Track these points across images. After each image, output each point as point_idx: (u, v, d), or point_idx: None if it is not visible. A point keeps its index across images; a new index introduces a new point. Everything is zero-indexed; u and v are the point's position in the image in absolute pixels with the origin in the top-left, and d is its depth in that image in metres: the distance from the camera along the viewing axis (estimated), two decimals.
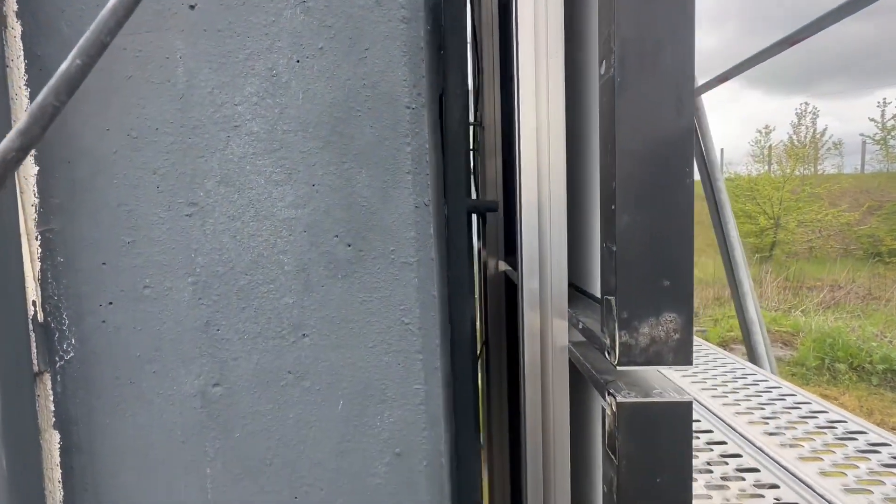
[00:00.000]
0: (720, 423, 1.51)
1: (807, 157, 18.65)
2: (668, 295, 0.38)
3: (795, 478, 1.17)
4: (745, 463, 1.25)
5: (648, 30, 0.36)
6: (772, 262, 12.95)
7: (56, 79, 0.21)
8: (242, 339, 0.41)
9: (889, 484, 1.16)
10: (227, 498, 0.43)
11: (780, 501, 1.08)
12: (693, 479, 1.08)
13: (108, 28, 0.22)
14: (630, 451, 0.39)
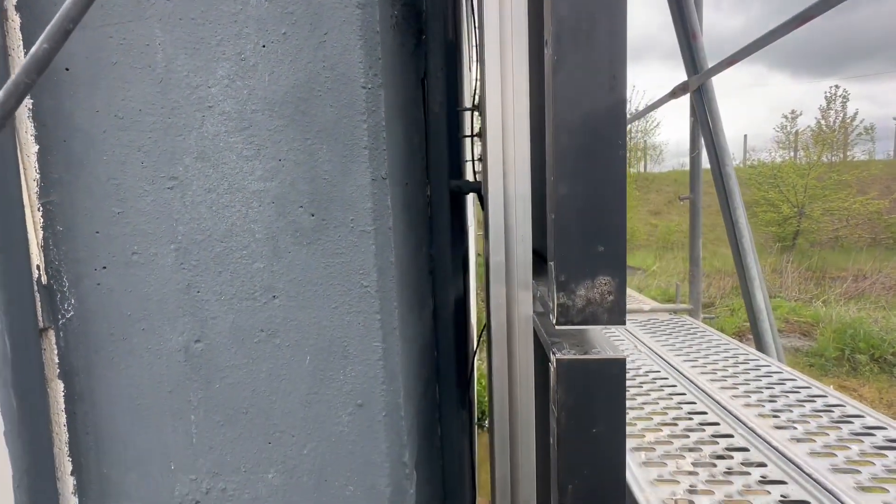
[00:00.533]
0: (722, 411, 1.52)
1: (835, 142, 17.92)
2: (603, 259, 0.41)
3: (804, 473, 1.18)
4: (751, 457, 1.26)
5: (582, 8, 0.39)
6: (794, 251, 12.58)
7: (27, 60, 0.25)
8: (220, 300, 0.46)
9: (879, 465, 1.16)
10: (209, 442, 0.48)
11: (766, 479, 1.10)
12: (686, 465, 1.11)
13: (70, 17, 0.25)
14: (568, 403, 0.42)
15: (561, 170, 0.40)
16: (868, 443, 1.29)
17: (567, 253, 0.41)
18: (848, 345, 6.30)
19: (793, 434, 1.34)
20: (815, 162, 15.25)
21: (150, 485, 0.49)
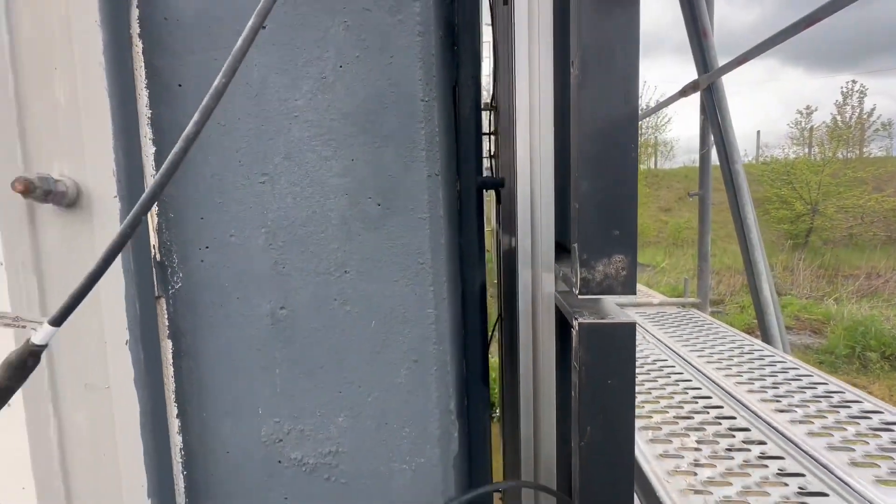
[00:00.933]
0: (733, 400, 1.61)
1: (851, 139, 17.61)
2: (617, 241, 0.50)
3: (801, 450, 1.27)
4: (752, 436, 1.35)
5: (602, 36, 0.48)
6: (807, 249, 12.46)
7: (211, 91, 0.35)
8: (301, 275, 0.56)
9: (873, 444, 1.24)
10: (290, 392, 0.58)
11: (765, 455, 1.19)
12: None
13: (239, 56, 0.35)
14: (587, 360, 0.52)
15: (584, 169, 0.50)
16: (864, 425, 1.38)
17: (588, 236, 0.51)
18: (859, 342, 6.29)
19: (793, 417, 1.43)
20: (830, 158, 15.02)
21: (242, 427, 0.59)
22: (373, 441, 0.58)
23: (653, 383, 1.74)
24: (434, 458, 0.58)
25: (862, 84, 21.00)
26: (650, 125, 20.08)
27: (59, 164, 0.53)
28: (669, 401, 1.60)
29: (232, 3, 0.54)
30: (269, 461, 0.60)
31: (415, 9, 0.52)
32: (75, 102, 0.52)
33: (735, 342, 2.17)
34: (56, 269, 0.54)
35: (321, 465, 0.59)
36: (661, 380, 1.78)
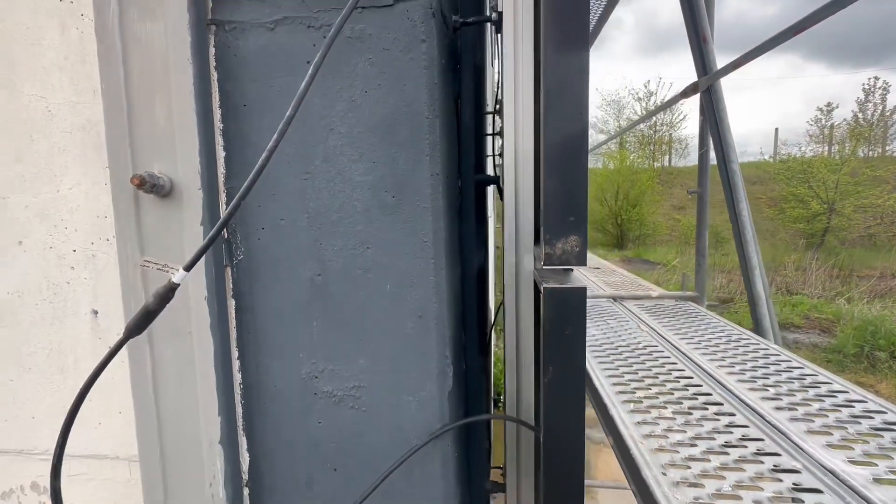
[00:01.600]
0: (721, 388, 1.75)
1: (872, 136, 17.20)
2: (572, 225, 0.67)
3: (783, 434, 1.41)
4: (736, 420, 1.50)
5: (561, 76, 0.64)
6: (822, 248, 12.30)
7: (285, 119, 0.53)
8: (334, 249, 0.74)
9: (852, 430, 1.38)
10: (324, 340, 0.76)
11: (746, 437, 1.33)
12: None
13: (305, 91, 0.53)
14: (549, 316, 0.68)
15: (548, 171, 0.66)
16: (846, 413, 1.50)
17: (551, 222, 0.67)
18: (868, 342, 6.30)
19: (777, 404, 1.57)
20: (849, 157, 14.74)
21: (287, 367, 0.78)
22: (386, 378, 0.76)
23: (640, 365, 1.90)
24: (433, 391, 0.75)
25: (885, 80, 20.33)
26: (665, 122, 19.85)
27: (158, 164, 0.71)
28: (653, 380, 1.75)
29: (282, 44, 0.72)
30: (306, 393, 0.78)
31: (422, 49, 0.69)
32: (171, 119, 0.70)
33: (726, 332, 2.30)
34: (153, 242, 0.73)
35: (347, 396, 0.77)
36: (649, 362, 1.93)
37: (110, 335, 0.81)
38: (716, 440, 1.29)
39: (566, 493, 0.71)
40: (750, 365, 1.85)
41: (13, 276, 0.81)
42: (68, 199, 0.79)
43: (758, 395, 1.57)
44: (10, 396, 0.85)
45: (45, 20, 0.75)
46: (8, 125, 0.78)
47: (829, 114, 16.79)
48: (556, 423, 0.70)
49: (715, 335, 2.27)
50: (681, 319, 2.57)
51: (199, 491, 0.76)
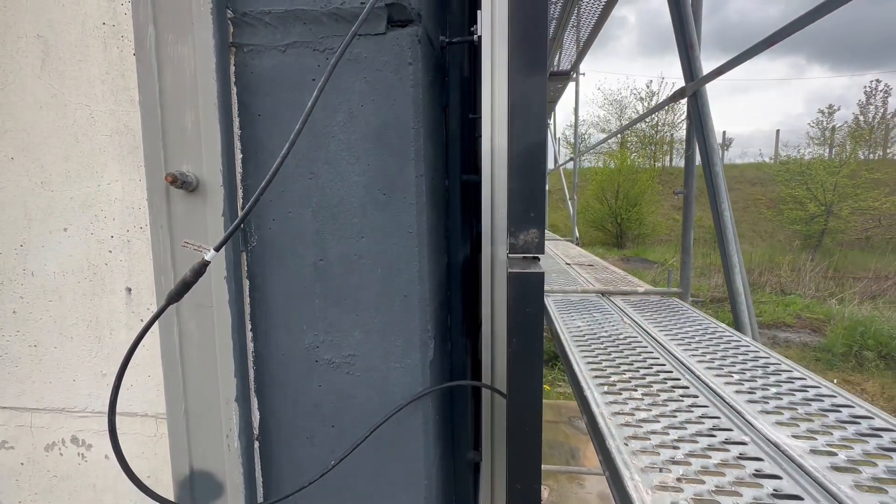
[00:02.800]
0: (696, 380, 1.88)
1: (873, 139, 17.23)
2: (532, 220, 0.80)
3: (747, 422, 1.55)
4: (699, 402, 1.64)
5: (523, 93, 0.77)
6: (819, 250, 12.39)
7: (295, 131, 0.66)
8: (334, 238, 0.88)
9: (818, 423, 1.51)
10: (324, 314, 0.90)
11: (716, 425, 1.46)
12: None
13: (312, 106, 0.66)
14: (514, 295, 0.82)
15: (513, 174, 0.79)
16: (799, 396, 1.64)
17: (515, 217, 0.80)
18: (857, 342, 6.42)
19: (738, 388, 1.70)
20: (849, 159, 14.79)
21: (292, 337, 0.91)
22: (377, 348, 0.90)
23: (618, 354, 2.03)
24: (416, 360, 0.89)
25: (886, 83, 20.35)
26: (666, 122, 19.89)
27: (186, 164, 0.85)
28: (629, 366, 1.88)
29: (291, 63, 0.85)
30: (308, 360, 0.92)
31: (409, 71, 0.82)
32: (198, 126, 0.83)
33: (704, 326, 2.44)
34: (181, 229, 0.86)
35: (343, 363, 0.91)
36: (627, 351, 2.06)
37: (141, 308, 0.94)
38: (677, 417, 1.43)
39: (528, 449, 0.85)
40: (720, 355, 1.98)
41: (59, 258, 0.95)
42: (107, 193, 0.92)
43: (722, 380, 1.70)
44: (54, 361, 0.99)
45: (90, 40, 0.88)
46: (58, 129, 0.92)
47: (831, 116, 16.84)
48: (520, 383, 0.84)
49: (693, 329, 2.41)
50: (663, 314, 2.70)
51: (217, 442, 0.90)
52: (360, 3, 0.81)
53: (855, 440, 1.27)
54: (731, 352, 2.04)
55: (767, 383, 1.69)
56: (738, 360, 1.94)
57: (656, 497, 1.04)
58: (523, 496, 0.86)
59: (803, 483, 1.09)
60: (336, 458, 0.87)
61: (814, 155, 16.10)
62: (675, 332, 2.37)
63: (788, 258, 10.29)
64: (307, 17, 0.83)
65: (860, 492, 1.04)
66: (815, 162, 14.49)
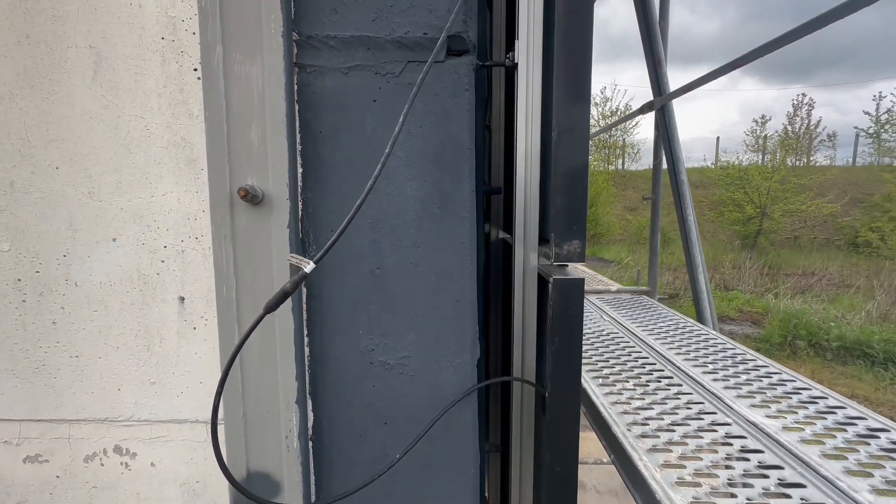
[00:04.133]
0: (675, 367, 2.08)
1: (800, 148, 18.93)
2: (575, 233, 0.91)
3: (714, 395, 1.74)
4: (673, 381, 1.82)
5: (569, 120, 0.88)
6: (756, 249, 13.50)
7: (385, 154, 0.73)
8: (391, 248, 0.94)
9: (784, 404, 1.73)
10: (379, 319, 0.96)
11: (690, 402, 1.64)
12: None
13: (398, 132, 0.73)
14: (557, 299, 0.92)
15: (557, 192, 0.89)
16: (766, 382, 1.86)
17: (560, 230, 0.91)
18: (791, 332, 7.10)
19: (714, 377, 1.90)
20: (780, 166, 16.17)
21: (348, 341, 0.97)
22: (430, 349, 0.97)
23: (604, 348, 2.21)
24: (467, 359, 0.98)
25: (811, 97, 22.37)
26: (619, 128, 20.84)
27: (252, 178, 0.88)
28: (613, 357, 2.06)
29: (353, 85, 0.91)
30: (363, 363, 0.98)
31: (465, 97, 0.91)
32: (264, 142, 0.87)
33: (673, 320, 2.68)
34: (244, 240, 0.90)
35: (398, 364, 0.98)
36: (612, 346, 2.24)
37: (194, 317, 0.97)
38: (667, 404, 1.60)
39: (568, 437, 0.96)
40: (693, 347, 2.20)
41: (106, 268, 0.95)
42: (161, 204, 0.94)
43: (700, 370, 1.91)
44: (97, 371, 0.99)
45: (147, 53, 0.90)
46: (108, 139, 0.92)
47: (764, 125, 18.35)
48: (561, 380, 0.94)
49: (665, 323, 2.64)
50: (637, 311, 2.93)
51: (276, 443, 0.94)
52: (423, 34, 0.88)
53: (816, 417, 1.49)
54: (702, 343, 2.27)
55: (738, 371, 1.91)
56: (710, 350, 2.17)
57: (665, 474, 1.18)
58: (562, 478, 0.97)
59: (782, 455, 1.27)
60: (397, 451, 0.94)
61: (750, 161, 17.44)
62: (650, 327, 2.58)
63: (730, 256, 11.17)
64: (371, 43, 0.89)
65: (827, 459, 1.24)
66: (751, 168, 15.74)
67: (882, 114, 18.01)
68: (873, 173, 16.38)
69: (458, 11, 0.84)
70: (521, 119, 1.07)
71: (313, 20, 0.89)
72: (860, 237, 13.18)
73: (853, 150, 20.62)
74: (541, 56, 1.05)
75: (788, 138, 17.95)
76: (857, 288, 9.30)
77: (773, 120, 21.18)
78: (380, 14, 0.88)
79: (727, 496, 1.10)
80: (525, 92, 1.06)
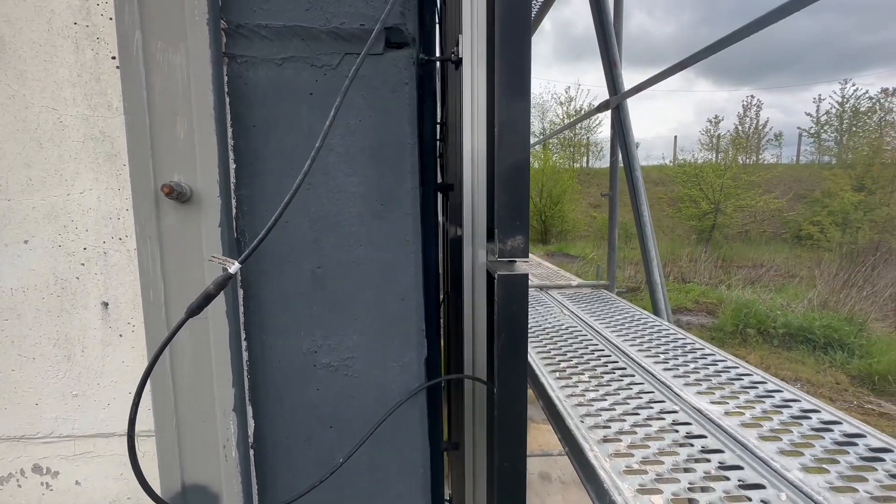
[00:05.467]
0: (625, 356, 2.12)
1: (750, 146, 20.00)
2: (518, 228, 0.91)
3: (663, 383, 1.79)
4: (626, 371, 1.86)
5: (510, 116, 0.87)
6: (710, 243, 14.16)
7: (315, 149, 0.70)
8: (332, 246, 0.91)
9: (727, 390, 1.80)
10: (321, 319, 0.93)
11: (640, 391, 1.68)
12: None
13: (329, 127, 0.70)
14: (501, 295, 0.92)
15: (501, 188, 0.89)
16: (712, 369, 1.94)
17: (503, 226, 0.90)
18: (742, 321, 7.48)
19: (665, 366, 1.97)
20: (732, 163, 17.01)
21: (290, 344, 0.93)
22: (375, 349, 0.95)
23: (561, 340, 2.25)
24: (413, 358, 0.96)
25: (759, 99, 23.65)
26: (583, 126, 21.33)
27: (178, 174, 0.83)
28: (569, 347, 2.10)
29: (288, 77, 0.87)
30: (306, 366, 0.94)
31: (405, 90, 0.89)
32: (191, 136, 0.83)
33: (630, 313, 2.76)
34: (172, 240, 0.85)
35: (342, 366, 0.95)
36: (570, 339, 2.28)
37: (121, 323, 0.91)
38: (620, 395, 1.64)
39: (515, 433, 0.96)
40: (647, 338, 2.28)
41: (18, 272, 0.88)
42: (79, 202, 0.87)
43: (651, 360, 1.97)
44: (11, 385, 0.91)
45: (58, 40, 0.83)
46: (15, 132, 0.85)
47: (717, 125, 19.27)
48: (507, 374, 0.94)
49: (622, 316, 2.72)
50: (595, 304, 3.00)
51: (213, 453, 0.89)
52: (360, 25, 0.86)
53: (755, 401, 1.56)
54: (655, 335, 2.35)
55: (686, 360, 1.98)
56: (662, 341, 2.25)
57: (613, 464, 1.21)
58: (510, 474, 0.97)
59: (723, 439, 1.33)
60: (343, 455, 0.91)
61: (705, 159, 18.25)
62: (607, 320, 2.65)
63: (687, 251, 11.67)
64: (306, 33, 0.85)
65: (764, 441, 1.30)
66: (706, 165, 16.47)
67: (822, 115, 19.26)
68: (814, 171, 17.52)
69: (395, 3, 0.82)
70: (466, 115, 1.06)
71: (243, 8, 0.84)
72: (803, 231, 14.08)
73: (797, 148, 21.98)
74: (485, 51, 1.04)
75: (739, 137, 18.90)
76: (800, 278, 9.91)
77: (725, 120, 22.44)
78: (313, 4, 0.85)
79: (671, 481, 1.14)
80: (470, 87, 1.05)
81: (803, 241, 13.60)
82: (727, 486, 1.12)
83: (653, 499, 1.08)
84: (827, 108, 22.82)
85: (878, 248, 10.00)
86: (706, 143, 18.67)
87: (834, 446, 1.28)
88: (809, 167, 19.31)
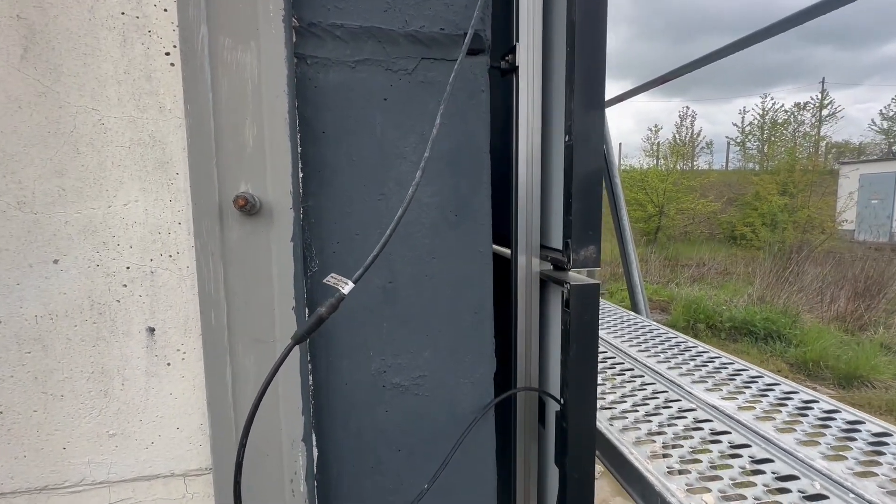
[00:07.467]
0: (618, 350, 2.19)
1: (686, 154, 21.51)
2: (590, 238, 0.91)
3: (649, 367, 1.85)
4: (646, 380, 1.92)
5: (584, 125, 0.87)
6: (656, 244, 15.06)
7: (424, 159, 0.66)
8: (403, 259, 0.87)
9: (703, 371, 1.90)
10: (391, 337, 0.88)
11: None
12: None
13: (433, 139, 0.66)
14: (576, 305, 0.91)
15: (576, 197, 0.89)
16: (699, 360, 2.05)
17: (576, 235, 0.90)
18: (692, 317, 7.99)
19: (658, 359, 2.05)
20: (672, 169, 18.20)
21: (356, 364, 0.87)
22: (446, 366, 0.91)
23: None
24: (485, 373, 0.93)
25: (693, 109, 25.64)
26: None
27: (245, 184, 0.76)
28: None
29: (362, 80, 0.82)
30: (375, 387, 0.89)
31: (482, 98, 0.86)
32: (261, 142, 0.75)
33: (617, 314, 2.87)
34: (237, 257, 0.77)
35: (412, 385, 0.90)
36: None
37: (169, 351, 0.81)
38: (636, 396, 1.69)
39: (586, 440, 0.95)
40: (642, 337, 2.37)
41: (43, 297, 0.76)
42: (122, 216, 0.77)
43: (654, 359, 2.05)
44: (31, 428, 0.78)
45: (101, 31, 0.73)
46: (46, 135, 0.73)
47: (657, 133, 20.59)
48: (579, 385, 0.94)
49: (610, 316, 2.81)
50: None
51: (278, 488, 0.82)
52: (440, 29, 0.82)
53: (760, 395, 1.66)
54: (641, 330, 2.45)
55: (685, 358, 2.08)
56: (656, 340, 2.34)
57: (655, 465, 1.24)
58: (580, 483, 0.96)
59: (746, 434, 1.40)
60: (412, 479, 0.86)
61: (648, 165, 19.37)
62: (601, 321, 2.73)
63: (638, 251, 12.33)
64: (382, 35, 0.81)
65: (782, 433, 1.38)
66: (650, 171, 17.51)
67: (746, 126, 21.11)
68: (743, 176, 19.16)
69: (482, 8, 0.80)
70: (522, 124, 1.05)
71: (316, 6, 0.78)
72: (737, 231, 15.34)
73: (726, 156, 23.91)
74: (541, 60, 1.04)
75: (678, 145, 20.28)
76: (738, 275, 10.76)
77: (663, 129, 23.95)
78: (392, 5, 0.81)
79: (714, 479, 1.18)
80: (526, 96, 1.04)
81: (738, 241, 14.84)
82: (765, 480, 1.18)
83: (704, 497, 1.12)
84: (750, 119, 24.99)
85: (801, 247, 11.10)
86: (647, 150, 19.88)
87: (842, 434, 1.39)
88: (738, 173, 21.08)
